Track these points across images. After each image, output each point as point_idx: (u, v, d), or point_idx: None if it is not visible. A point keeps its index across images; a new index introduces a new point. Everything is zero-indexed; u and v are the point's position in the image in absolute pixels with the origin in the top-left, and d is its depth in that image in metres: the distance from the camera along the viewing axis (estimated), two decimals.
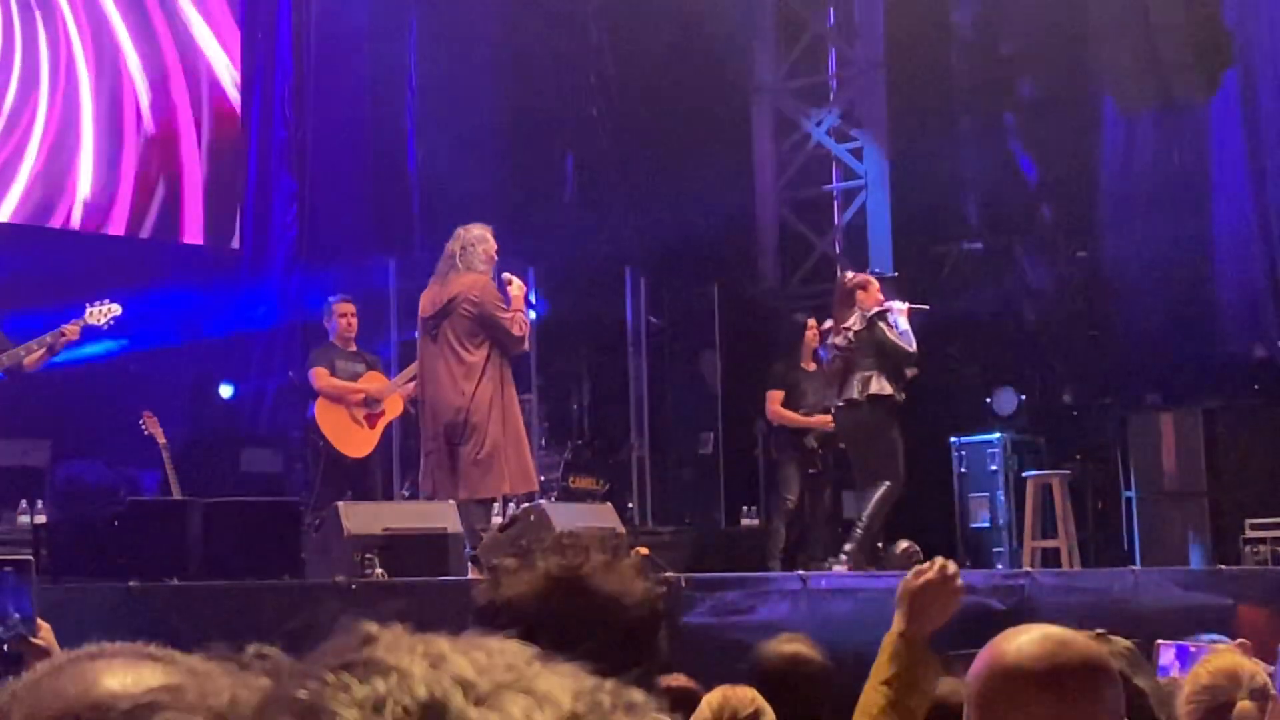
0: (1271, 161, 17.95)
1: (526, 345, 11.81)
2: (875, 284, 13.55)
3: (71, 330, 11.40)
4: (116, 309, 11.71)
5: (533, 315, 12.93)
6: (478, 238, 11.69)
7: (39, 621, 4.62)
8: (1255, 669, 4.93)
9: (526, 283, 15.62)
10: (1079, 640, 3.01)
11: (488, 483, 11.48)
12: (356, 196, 16.94)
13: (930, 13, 19.72)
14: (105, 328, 11.72)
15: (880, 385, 12.98)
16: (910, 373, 13.19)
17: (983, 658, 2.98)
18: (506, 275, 11.79)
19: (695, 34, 18.49)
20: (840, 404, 13.37)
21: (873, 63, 19.20)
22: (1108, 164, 19.04)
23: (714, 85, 19.22)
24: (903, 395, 13.20)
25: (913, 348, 13.08)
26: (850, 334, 13.21)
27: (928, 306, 14.35)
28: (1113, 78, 17.05)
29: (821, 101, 20.05)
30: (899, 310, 13.23)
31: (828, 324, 13.53)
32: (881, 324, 13.08)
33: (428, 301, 11.79)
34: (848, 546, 13.11)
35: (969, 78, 19.79)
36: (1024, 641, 2.95)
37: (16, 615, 4.59)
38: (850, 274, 13.91)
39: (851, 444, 13.54)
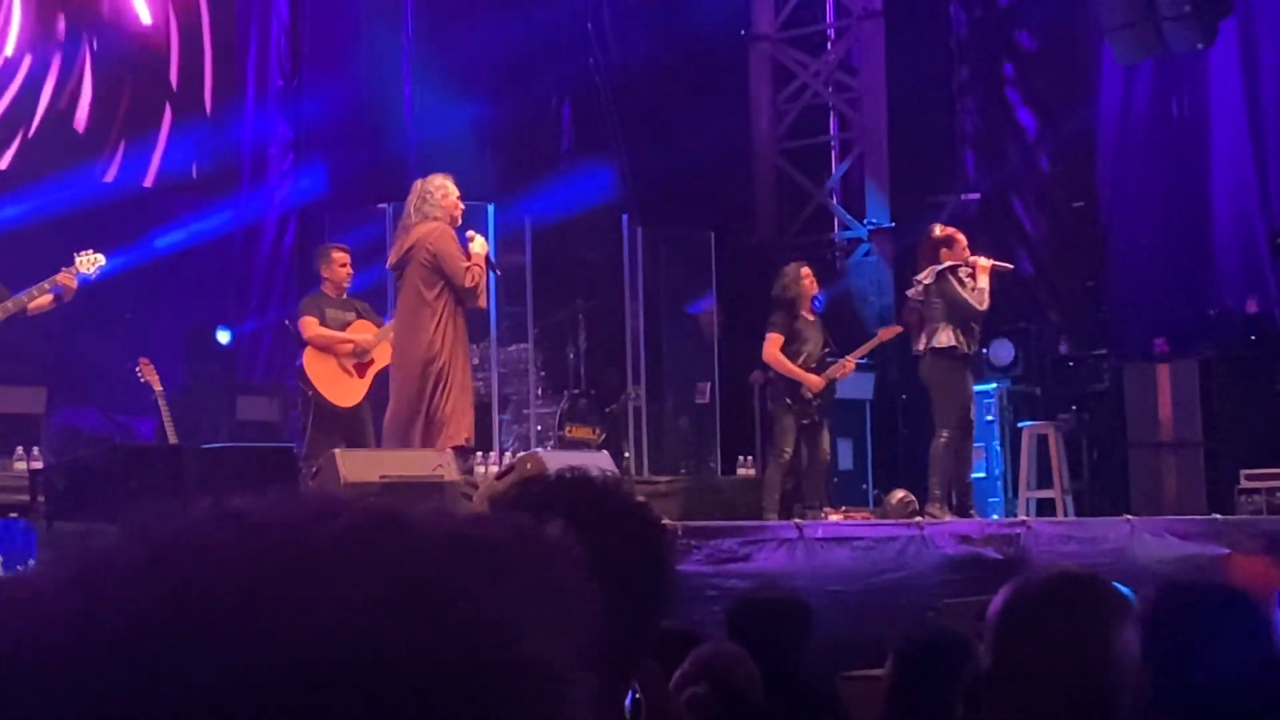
0: (1270, 112, 17.92)
1: (481, 301, 11.73)
2: (962, 240, 13.68)
3: (65, 279, 11.39)
4: (101, 259, 11.69)
5: (497, 273, 12.84)
6: (436, 186, 11.69)
7: None
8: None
9: (523, 232, 15.67)
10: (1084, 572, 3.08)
11: (449, 431, 11.45)
12: (353, 145, 16.90)
13: None
14: (93, 276, 11.71)
15: (945, 338, 13.27)
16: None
17: (1001, 594, 3.05)
18: (470, 232, 11.77)
19: None
20: (915, 355, 13.74)
21: (870, 12, 19.16)
22: (1105, 115, 19.02)
23: (711, 34, 19.17)
24: (973, 348, 13.41)
25: (983, 305, 13.31)
26: (921, 287, 13.50)
27: (1011, 267, 14.52)
28: (1111, 28, 16.99)
29: (819, 51, 20.01)
30: (982, 268, 13.40)
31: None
32: (952, 278, 13.27)
33: (392, 253, 11.87)
34: (925, 505, 13.47)
35: (967, 28, 19.76)
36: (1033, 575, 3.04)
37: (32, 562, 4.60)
38: (939, 227, 13.98)
39: (928, 393, 13.80)
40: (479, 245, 11.66)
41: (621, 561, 2.53)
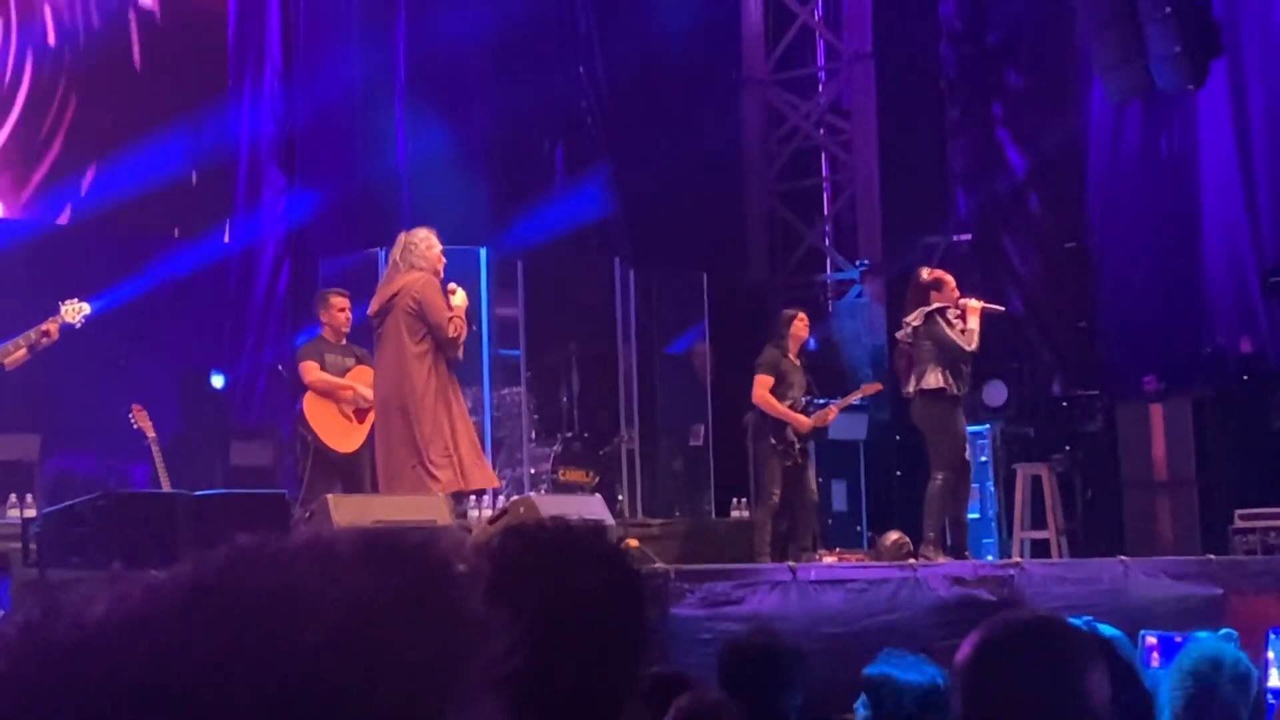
0: (1259, 152, 17.96)
1: (460, 353, 11.77)
2: (950, 281, 13.69)
3: (53, 328, 11.38)
4: (86, 308, 11.68)
5: (474, 328, 12.87)
6: (420, 239, 11.78)
7: None
8: (1237, 657, 4.96)
9: (515, 276, 15.69)
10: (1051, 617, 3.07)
11: (441, 479, 11.45)
12: (346, 189, 16.92)
13: (917, 4, 19.76)
14: (78, 325, 11.69)
15: (934, 380, 13.29)
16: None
17: (969, 641, 3.02)
18: (451, 285, 11.80)
19: (683, 27, 18.48)
20: (905, 397, 13.75)
21: (861, 54, 19.22)
22: (1095, 154, 19.06)
23: (703, 77, 19.23)
24: (963, 389, 13.41)
25: (971, 346, 13.31)
26: (910, 329, 13.52)
27: (1002, 308, 14.53)
28: (1101, 68, 17.04)
29: (810, 93, 20.07)
30: (971, 309, 13.41)
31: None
32: (940, 320, 13.28)
33: (374, 301, 11.88)
34: (920, 547, 13.45)
35: (956, 69, 19.82)
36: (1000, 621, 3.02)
37: None
38: (926, 271, 14.00)
39: (921, 435, 13.79)
40: (459, 299, 11.72)
41: (602, 608, 2.53)
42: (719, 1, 19.51)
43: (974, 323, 13.41)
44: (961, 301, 13.54)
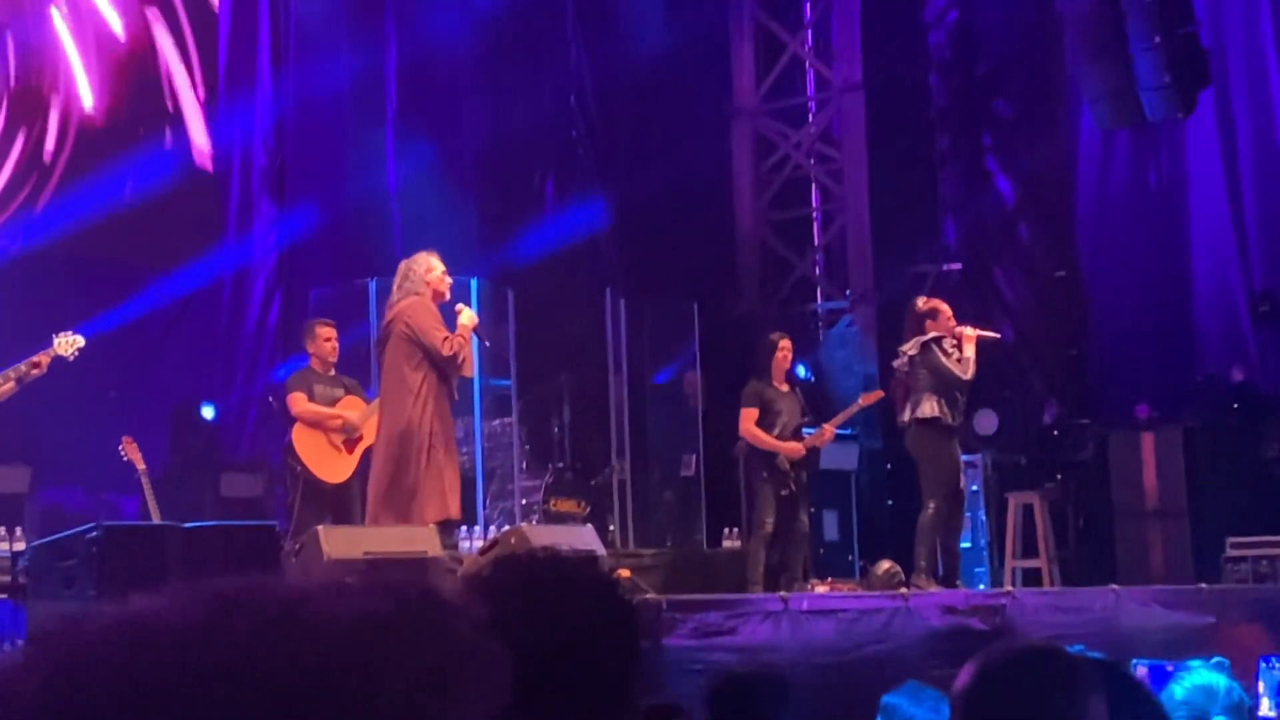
0: (1248, 180, 18.00)
1: (466, 371, 11.77)
2: (946, 310, 13.69)
3: (44, 360, 11.35)
4: (80, 341, 11.64)
5: (487, 344, 12.86)
6: (419, 263, 11.77)
7: None
8: (1231, 686, 4.95)
9: (506, 306, 15.67)
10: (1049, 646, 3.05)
11: (434, 506, 11.43)
12: (337, 220, 16.92)
13: (907, 34, 19.80)
14: (71, 359, 11.66)
15: (928, 408, 13.29)
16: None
17: (966, 670, 3.00)
18: (459, 305, 11.81)
19: (674, 56, 18.51)
20: (900, 426, 13.76)
21: (851, 84, 19.23)
22: (1085, 183, 19.10)
23: (693, 107, 19.25)
24: (957, 419, 13.39)
25: (968, 374, 13.30)
26: (906, 358, 13.54)
27: (998, 335, 14.53)
28: (1091, 98, 17.07)
29: (800, 123, 20.09)
30: (968, 337, 13.42)
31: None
32: (936, 349, 13.29)
33: (379, 329, 11.93)
34: (912, 577, 13.44)
35: (946, 99, 19.86)
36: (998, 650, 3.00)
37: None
38: (922, 300, 14.01)
39: (913, 463, 13.79)
40: (466, 317, 11.70)
41: (595, 639, 2.53)
42: (709, 32, 19.54)
43: (970, 351, 13.41)
44: (957, 330, 13.54)
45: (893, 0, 19.74)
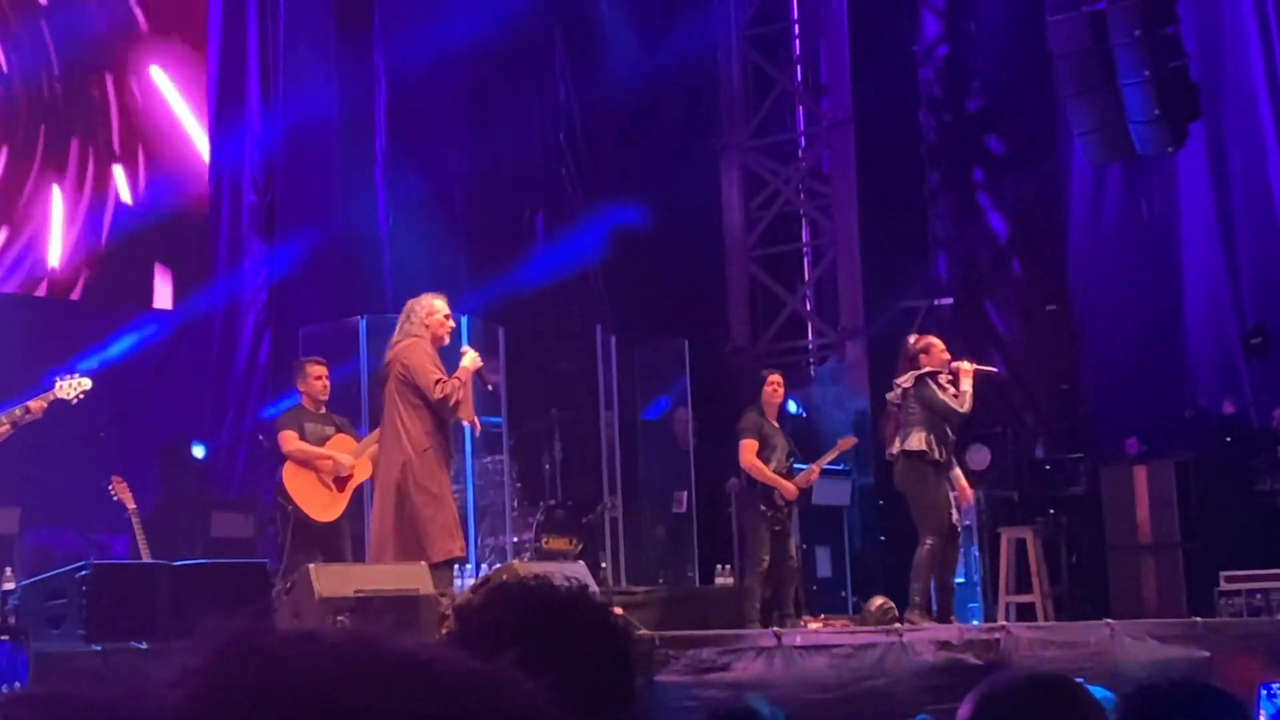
0: (1239, 213, 18.01)
1: (462, 415, 11.74)
2: (938, 345, 13.66)
3: (38, 406, 11.29)
4: (87, 383, 11.59)
5: (489, 388, 12.84)
6: (421, 305, 11.79)
7: None
8: None
9: (496, 343, 15.63)
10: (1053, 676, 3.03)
11: (436, 547, 11.41)
12: (328, 258, 16.90)
13: (896, 70, 19.82)
14: (74, 402, 11.61)
15: (916, 441, 13.22)
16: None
17: (969, 701, 2.98)
18: (464, 347, 11.82)
19: (663, 93, 18.52)
20: (888, 459, 13.71)
21: (840, 119, 19.25)
22: (1076, 217, 19.12)
23: (683, 144, 19.25)
24: (945, 456, 13.34)
25: (963, 409, 13.28)
26: (899, 391, 13.48)
27: (995, 369, 14.51)
28: (1080, 132, 17.09)
29: (790, 158, 20.09)
30: (965, 371, 13.39)
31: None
32: (931, 383, 13.25)
33: (380, 368, 11.95)
34: (905, 612, 13.36)
35: (937, 134, 19.88)
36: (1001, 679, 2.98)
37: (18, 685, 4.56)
38: (914, 337, 14.00)
39: (904, 499, 13.75)
40: (468, 360, 11.71)
41: (588, 669, 2.49)
42: (698, 68, 19.56)
43: (967, 384, 13.39)
44: (954, 365, 13.52)
45: (882, 36, 19.75)
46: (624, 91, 18.62)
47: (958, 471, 13.65)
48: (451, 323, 11.86)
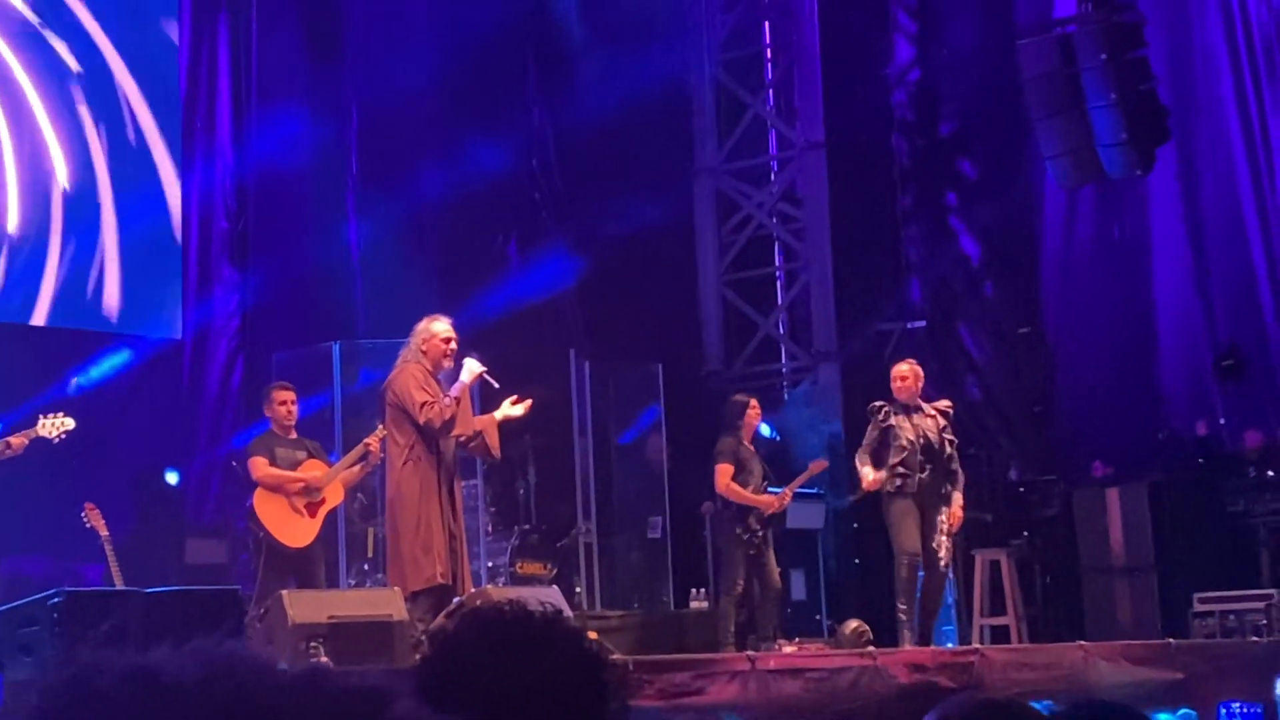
0: (1211, 236, 18.06)
1: (454, 430, 11.76)
2: (908, 376, 13.70)
3: (19, 443, 11.28)
4: (70, 423, 11.60)
5: (497, 386, 12.83)
6: (421, 329, 11.89)
7: None
8: None
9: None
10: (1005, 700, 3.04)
11: (416, 573, 11.43)
12: (300, 283, 16.88)
13: (869, 94, 19.86)
14: (55, 440, 11.59)
15: (888, 471, 13.36)
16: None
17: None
18: (466, 359, 11.89)
19: (635, 118, 18.53)
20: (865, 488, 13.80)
21: (813, 143, 19.26)
22: (1048, 240, 19.15)
23: (655, 168, 19.25)
24: (911, 486, 13.41)
25: (932, 438, 13.43)
26: (871, 421, 13.66)
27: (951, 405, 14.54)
28: (1050, 155, 17.12)
29: (762, 182, 20.11)
30: (936, 408, 13.65)
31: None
32: (874, 418, 13.51)
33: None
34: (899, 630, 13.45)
35: (909, 158, 19.91)
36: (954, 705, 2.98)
37: None
38: (894, 369, 14.06)
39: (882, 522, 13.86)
40: (466, 372, 11.80)
41: (563, 694, 2.49)
42: (671, 93, 19.56)
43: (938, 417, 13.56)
44: (931, 407, 13.65)
45: (854, 60, 19.79)
46: (596, 116, 18.61)
47: (955, 497, 13.72)
48: (453, 344, 11.90)
